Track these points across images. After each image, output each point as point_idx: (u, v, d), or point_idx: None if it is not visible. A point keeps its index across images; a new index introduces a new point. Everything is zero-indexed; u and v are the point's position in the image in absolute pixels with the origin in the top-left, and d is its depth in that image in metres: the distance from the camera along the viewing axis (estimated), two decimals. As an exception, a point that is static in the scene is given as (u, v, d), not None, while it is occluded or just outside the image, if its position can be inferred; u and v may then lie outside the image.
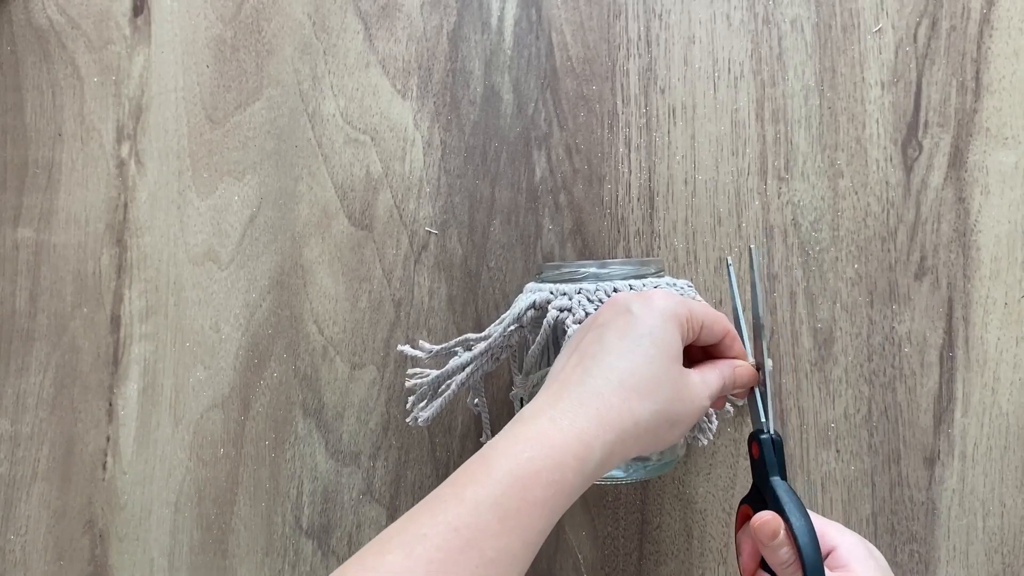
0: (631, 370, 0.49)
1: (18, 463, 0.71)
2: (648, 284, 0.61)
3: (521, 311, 0.62)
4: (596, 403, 0.48)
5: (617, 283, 0.61)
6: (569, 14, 0.73)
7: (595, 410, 0.47)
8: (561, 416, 0.47)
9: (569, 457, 0.45)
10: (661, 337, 0.50)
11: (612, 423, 0.47)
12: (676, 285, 0.63)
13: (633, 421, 0.48)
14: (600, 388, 0.49)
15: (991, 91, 0.71)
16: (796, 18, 0.72)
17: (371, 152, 0.72)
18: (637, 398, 0.48)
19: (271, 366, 0.71)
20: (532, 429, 0.47)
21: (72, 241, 0.72)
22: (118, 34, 0.74)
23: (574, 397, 0.48)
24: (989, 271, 0.70)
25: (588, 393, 0.48)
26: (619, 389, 0.48)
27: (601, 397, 0.48)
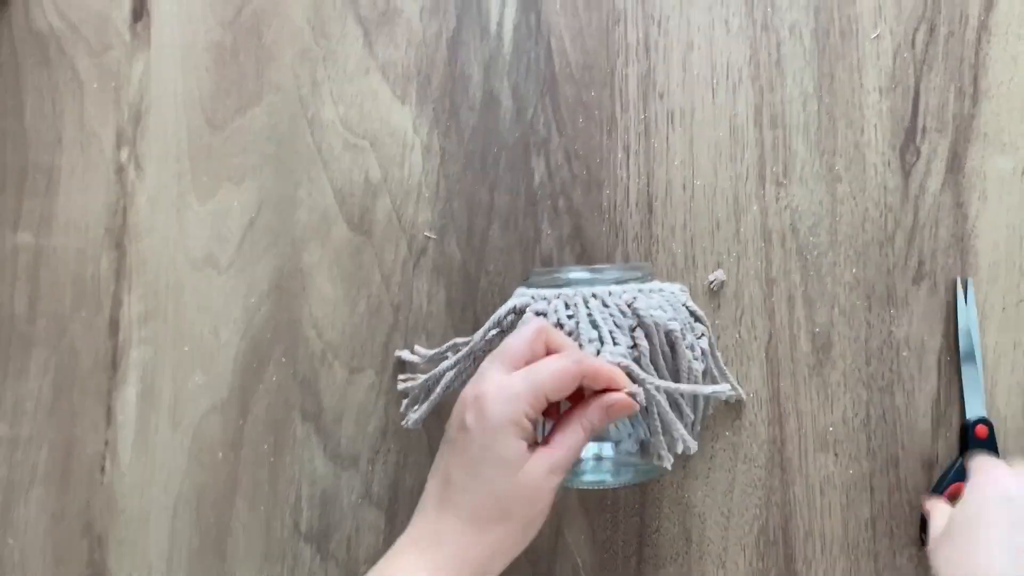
0: (478, 502, 0.52)
1: (16, 467, 0.71)
2: (631, 290, 0.61)
3: (501, 315, 0.63)
4: (453, 542, 0.52)
5: (597, 288, 0.61)
6: (568, 20, 0.73)
7: (452, 549, 0.52)
8: (421, 555, 0.52)
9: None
10: (497, 454, 0.52)
11: (470, 557, 0.52)
12: (663, 291, 0.63)
13: (489, 549, 0.52)
14: (454, 524, 0.52)
15: (989, 96, 0.71)
16: (794, 24, 0.72)
17: (370, 157, 0.72)
18: (489, 527, 0.52)
19: (270, 370, 0.71)
20: (391, 569, 0.52)
21: (71, 245, 0.72)
22: (118, 39, 0.74)
23: (433, 536, 0.53)
24: (987, 276, 0.70)
25: (446, 531, 0.52)
26: (471, 522, 0.52)
27: (456, 534, 0.52)
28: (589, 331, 0.59)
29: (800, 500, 0.69)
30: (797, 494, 0.69)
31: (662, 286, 0.64)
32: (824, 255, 0.70)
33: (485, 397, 0.53)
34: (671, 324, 0.60)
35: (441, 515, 0.53)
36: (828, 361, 0.70)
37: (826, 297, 0.70)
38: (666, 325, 0.60)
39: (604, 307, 0.60)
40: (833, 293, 0.70)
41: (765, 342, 0.70)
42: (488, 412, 0.53)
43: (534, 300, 0.62)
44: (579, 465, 0.62)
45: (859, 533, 0.68)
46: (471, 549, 0.52)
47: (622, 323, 0.60)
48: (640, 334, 0.60)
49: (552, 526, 0.69)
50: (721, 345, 0.70)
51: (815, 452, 0.69)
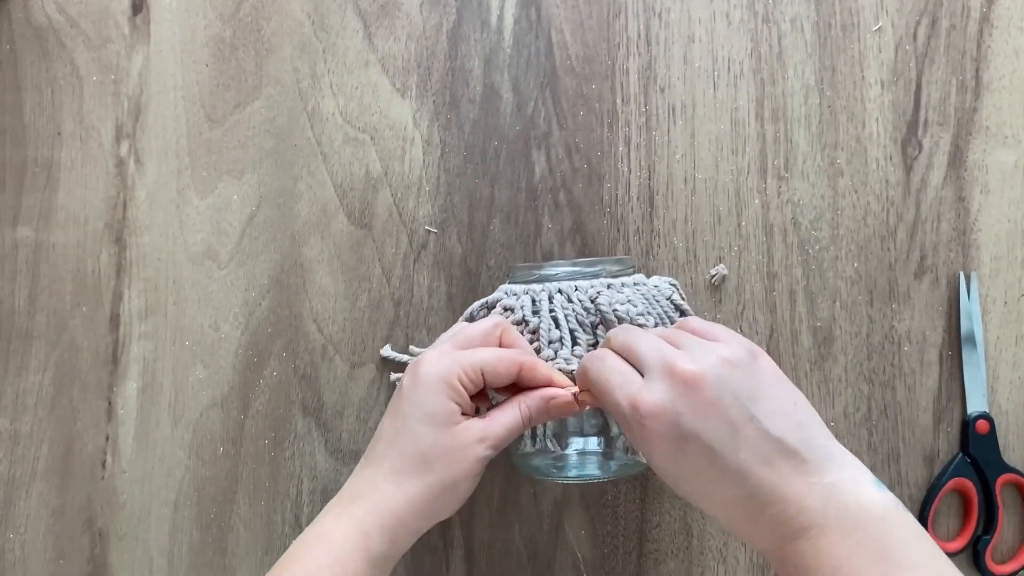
0: (399, 453, 0.54)
1: (17, 462, 0.71)
2: (597, 285, 0.61)
3: (474, 310, 0.65)
4: (371, 493, 0.53)
5: (563, 284, 0.61)
6: (569, 13, 0.72)
7: (371, 499, 0.53)
8: (342, 511, 0.53)
9: (349, 549, 0.51)
10: (426, 410, 0.54)
11: (389, 509, 0.53)
12: (644, 284, 0.63)
13: (407, 500, 0.53)
14: (374, 478, 0.54)
15: (991, 90, 0.71)
16: (796, 17, 0.72)
17: (370, 151, 0.72)
18: (407, 478, 0.53)
19: (270, 365, 0.71)
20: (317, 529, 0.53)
21: (71, 240, 0.72)
22: (117, 33, 0.74)
23: (354, 490, 0.54)
24: (989, 270, 0.70)
25: (365, 484, 0.54)
26: (390, 474, 0.53)
27: (374, 486, 0.54)
28: (552, 329, 0.60)
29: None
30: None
31: (645, 280, 0.64)
32: (826, 249, 0.70)
33: (422, 361, 0.56)
34: (639, 319, 0.60)
35: (363, 471, 0.55)
36: (829, 356, 0.69)
37: (827, 291, 0.70)
38: (634, 320, 0.60)
39: (569, 303, 0.61)
40: (835, 287, 0.70)
41: (766, 336, 0.70)
42: (421, 372, 0.55)
43: (506, 296, 0.63)
44: (565, 460, 0.63)
45: (860, 527, 0.68)
46: (388, 501, 0.53)
47: (585, 319, 0.60)
48: (602, 331, 0.60)
49: (552, 521, 0.69)
50: (722, 339, 0.70)
51: (816, 446, 0.69)
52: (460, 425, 0.54)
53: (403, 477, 0.53)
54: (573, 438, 0.63)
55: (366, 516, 0.52)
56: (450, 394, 0.54)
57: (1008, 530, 0.70)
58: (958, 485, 0.68)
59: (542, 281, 0.63)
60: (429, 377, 0.55)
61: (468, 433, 0.54)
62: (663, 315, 0.62)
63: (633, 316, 0.59)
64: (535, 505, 0.69)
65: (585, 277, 0.62)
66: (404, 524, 0.53)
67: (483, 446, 0.55)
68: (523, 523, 0.69)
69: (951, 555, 0.68)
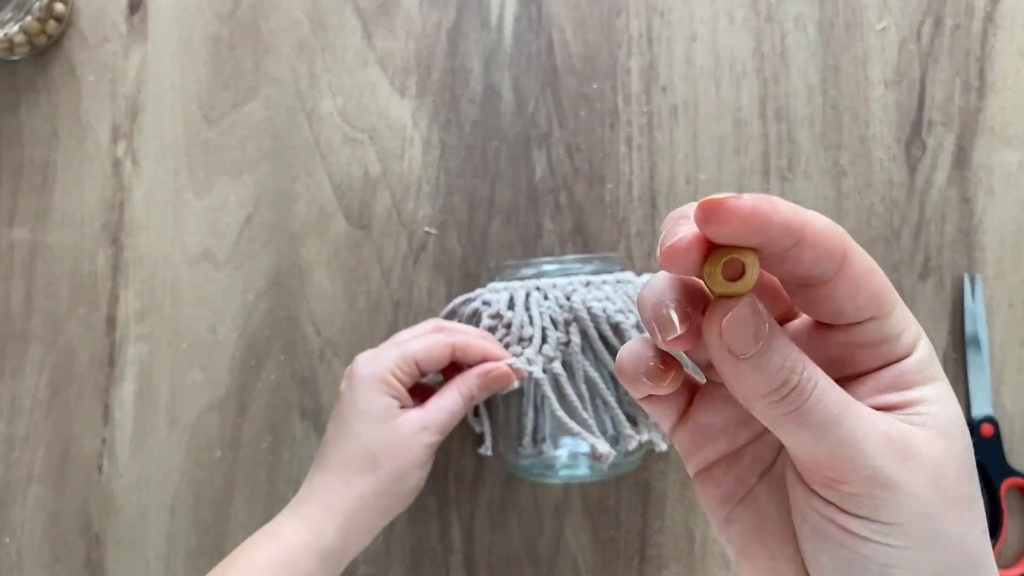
0: (342, 453, 0.56)
1: (13, 466, 0.70)
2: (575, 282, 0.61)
3: (456, 304, 0.66)
4: (322, 492, 0.55)
5: (542, 281, 0.61)
6: (570, 11, 0.72)
7: (322, 500, 0.54)
8: (294, 510, 0.55)
9: (301, 547, 0.52)
10: (364, 409, 0.56)
11: (340, 507, 0.54)
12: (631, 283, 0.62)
13: (358, 497, 0.54)
14: (324, 477, 0.55)
15: (995, 90, 0.70)
16: (799, 16, 0.71)
17: (369, 151, 0.72)
18: (357, 476, 0.55)
19: (268, 368, 0.70)
20: (271, 526, 0.55)
21: (67, 241, 0.72)
22: (114, 32, 0.73)
23: (308, 491, 0.56)
24: (993, 272, 0.69)
25: (316, 485, 0.56)
26: (339, 472, 0.55)
27: (325, 485, 0.55)
28: (525, 326, 0.60)
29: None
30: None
31: (633, 278, 0.63)
32: (829, 251, 0.69)
33: (356, 363, 0.58)
34: (617, 316, 0.59)
35: (314, 475, 0.57)
36: (833, 358, 0.69)
37: (831, 293, 0.69)
38: (612, 317, 0.59)
39: (545, 300, 0.61)
40: (838, 289, 0.69)
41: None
42: (356, 373, 0.57)
43: (488, 292, 0.64)
44: (555, 460, 0.63)
45: (864, 532, 0.68)
46: (338, 499, 0.54)
47: (559, 317, 0.60)
48: (575, 328, 0.60)
49: (554, 525, 0.69)
50: (724, 342, 0.69)
51: (819, 450, 0.68)
52: (400, 418, 0.56)
53: (351, 475, 0.55)
54: (563, 439, 0.62)
55: (318, 514, 0.54)
56: (385, 390, 0.56)
57: (1013, 535, 0.69)
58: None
59: (526, 277, 0.63)
60: (362, 377, 0.56)
61: (408, 424, 0.56)
62: None
63: (611, 313, 0.59)
64: (536, 509, 0.69)
65: (570, 274, 0.62)
66: (357, 521, 0.55)
67: (426, 434, 0.56)
68: (523, 527, 0.69)
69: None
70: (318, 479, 0.56)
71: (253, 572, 0.52)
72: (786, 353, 0.28)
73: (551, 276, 0.62)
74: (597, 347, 0.60)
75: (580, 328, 0.60)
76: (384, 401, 0.56)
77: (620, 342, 0.59)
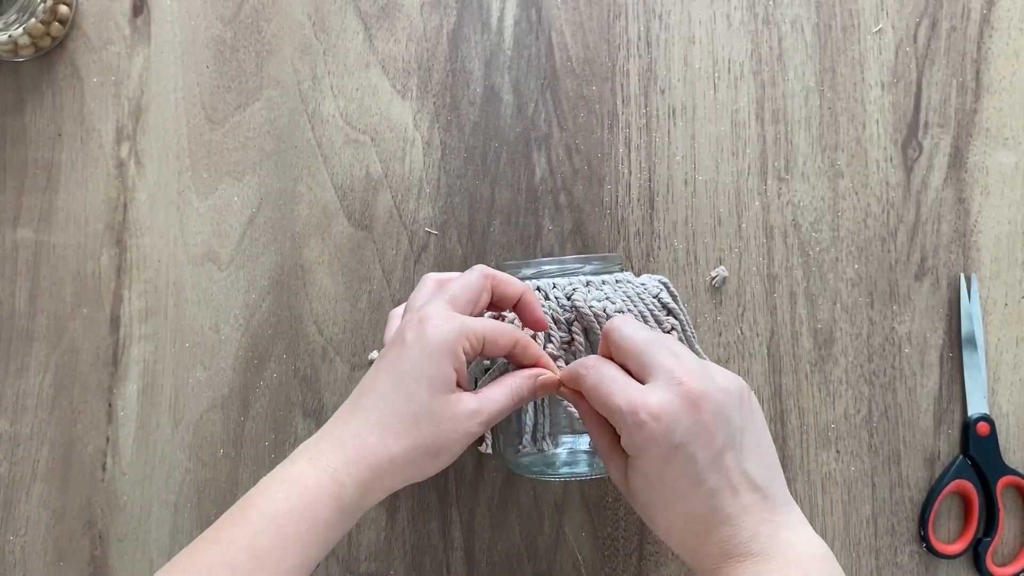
0: (391, 409, 0.52)
1: (17, 464, 0.71)
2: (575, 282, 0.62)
3: None
4: (354, 443, 0.52)
5: (542, 281, 0.62)
6: (569, 14, 0.72)
7: (352, 449, 0.51)
8: (319, 455, 0.51)
9: (323, 495, 0.50)
10: (426, 372, 0.53)
11: (368, 461, 0.51)
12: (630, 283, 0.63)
13: (388, 458, 0.52)
14: (359, 428, 0.52)
15: (991, 91, 0.71)
16: (796, 18, 0.72)
17: (371, 152, 0.72)
18: (393, 436, 0.52)
19: (271, 367, 0.71)
20: (291, 470, 0.51)
21: (71, 242, 0.72)
22: (118, 34, 0.74)
23: (335, 437, 0.52)
24: (989, 272, 0.70)
25: (349, 433, 0.52)
26: (376, 428, 0.52)
27: (359, 437, 0.52)
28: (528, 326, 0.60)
29: (802, 497, 0.69)
30: (799, 490, 0.69)
31: (632, 278, 0.64)
32: (826, 251, 0.70)
33: (429, 319, 0.54)
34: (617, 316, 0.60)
35: (349, 419, 0.53)
36: (830, 357, 0.69)
37: (828, 293, 0.70)
38: (612, 317, 0.59)
39: (546, 299, 0.61)
40: (835, 289, 0.70)
41: (767, 338, 0.70)
42: (429, 333, 0.53)
43: None
44: (555, 458, 0.63)
45: (860, 530, 0.68)
46: (368, 454, 0.52)
47: (560, 316, 0.60)
48: (578, 327, 0.60)
49: (553, 522, 0.69)
50: (723, 341, 0.70)
51: (817, 449, 0.69)
52: (455, 395, 0.54)
53: (389, 433, 0.52)
54: (564, 437, 0.63)
55: (344, 465, 0.51)
56: (452, 361, 0.53)
57: (1009, 532, 0.69)
58: (959, 487, 0.68)
59: (526, 278, 0.63)
60: (434, 340, 0.53)
61: (461, 404, 0.54)
62: (646, 313, 0.62)
63: (610, 313, 0.59)
64: (536, 506, 0.69)
65: (569, 274, 0.63)
66: (379, 479, 0.52)
67: (474, 422, 0.54)
68: (524, 524, 0.69)
69: (952, 557, 0.68)
70: (354, 427, 0.52)
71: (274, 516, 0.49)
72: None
73: (551, 276, 0.63)
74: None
75: (582, 327, 0.60)
76: (447, 371, 0.53)
77: None
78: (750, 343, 0.70)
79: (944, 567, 0.69)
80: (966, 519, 0.69)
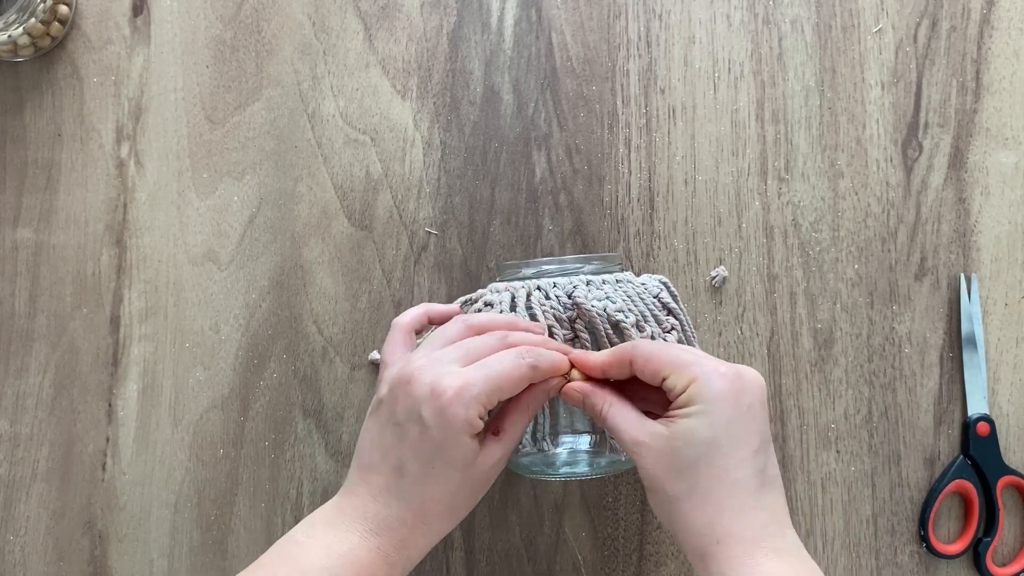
0: (430, 497, 0.54)
1: (17, 464, 0.71)
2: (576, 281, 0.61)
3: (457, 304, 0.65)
4: (402, 530, 0.53)
5: (542, 281, 0.62)
6: (569, 14, 0.72)
7: (400, 537, 0.53)
8: (370, 536, 0.53)
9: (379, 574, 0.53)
10: (455, 456, 0.53)
11: (415, 544, 0.54)
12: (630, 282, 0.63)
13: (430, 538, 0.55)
14: (403, 515, 0.53)
15: (991, 91, 0.71)
16: (796, 18, 0.72)
17: (371, 152, 0.72)
18: (438, 520, 0.54)
19: (271, 367, 0.71)
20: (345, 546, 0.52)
21: (71, 242, 0.72)
22: (117, 34, 0.74)
23: (382, 520, 0.53)
24: (989, 272, 0.70)
25: (394, 519, 0.53)
26: (421, 515, 0.54)
27: (405, 524, 0.53)
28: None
29: (802, 497, 0.69)
30: (799, 491, 0.69)
31: (632, 277, 0.64)
32: (826, 251, 0.70)
33: (443, 394, 0.52)
34: (617, 315, 0.60)
35: (392, 506, 0.54)
36: (830, 358, 0.69)
37: (828, 293, 0.70)
38: (612, 316, 0.59)
39: (547, 299, 0.61)
40: (835, 289, 0.70)
41: (767, 338, 0.70)
42: (448, 414, 0.52)
43: (489, 292, 0.63)
44: (555, 458, 0.63)
45: (860, 530, 0.68)
46: (417, 539, 0.54)
47: (562, 315, 0.60)
48: (581, 325, 0.60)
49: (553, 523, 0.69)
50: (723, 341, 0.70)
51: (817, 449, 0.69)
52: (482, 455, 0.54)
53: (432, 518, 0.54)
54: (564, 437, 0.63)
55: (394, 551, 0.53)
56: (473, 432, 0.53)
57: (1009, 532, 0.70)
58: (959, 487, 0.68)
59: (527, 278, 0.63)
60: (456, 419, 0.52)
61: (489, 460, 0.55)
62: (646, 313, 0.62)
63: (611, 312, 0.59)
64: (536, 507, 0.69)
65: (569, 274, 0.63)
66: (421, 553, 0.55)
67: (502, 464, 0.56)
68: (523, 525, 0.69)
69: (951, 557, 0.68)
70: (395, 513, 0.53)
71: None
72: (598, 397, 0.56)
73: (551, 276, 0.63)
74: (603, 344, 0.60)
75: (584, 324, 0.60)
76: (472, 446, 0.53)
77: (620, 340, 0.60)
78: (750, 343, 0.70)
79: (944, 567, 0.69)
80: (966, 519, 0.69)
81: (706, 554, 0.50)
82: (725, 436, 0.51)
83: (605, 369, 0.56)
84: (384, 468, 0.54)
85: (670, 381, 0.52)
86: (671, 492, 0.51)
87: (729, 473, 0.50)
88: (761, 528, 0.50)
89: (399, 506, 0.53)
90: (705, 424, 0.51)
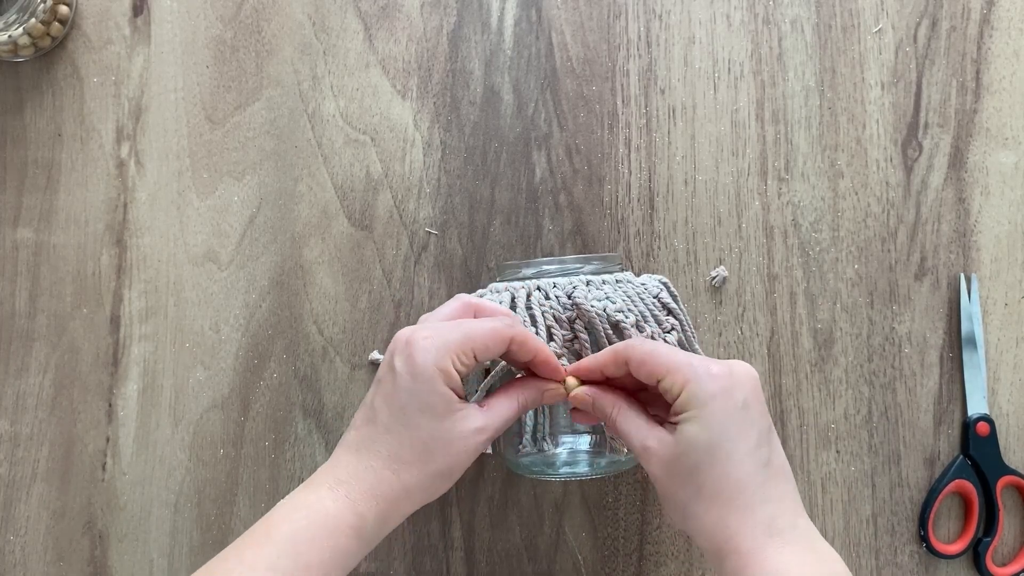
0: (398, 442, 0.54)
1: (17, 464, 0.71)
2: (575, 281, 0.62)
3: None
4: (369, 477, 0.53)
5: (542, 281, 0.62)
6: (569, 14, 0.72)
7: (368, 484, 0.53)
8: (338, 486, 0.53)
9: (343, 525, 0.52)
10: (426, 401, 0.54)
11: (384, 494, 0.53)
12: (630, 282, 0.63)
13: (403, 489, 0.54)
14: (371, 461, 0.54)
15: (991, 91, 0.71)
16: (796, 18, 0.72)
17: (371, 152, 0.72)
18: (406, 468, 0.54)
19: (271, 367, 0.71)
20: (312, 496, 0.53)
21: (72, 241, 0.72)
22: (118, 34, 0.74)
23: (350, 469, 0.54)
24: (989, 272, 0.70)
25: (363, 468, 0.54)
26: (388, 461, 0.54)
27: (373, 471, 0.53)
28: (529, 325, 0.60)
29: (802, 497, 0.68)
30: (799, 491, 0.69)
31: (632, 277, 0.64)
32: (826, 251, 0.70)
33: (414, 345, 0.54)
34: (617, 315, 0.60)
35: (361, 453, 0.54)
36: (830, 358, 0.69)
37: (828, 293, 0.70)
38: (612, 316, 0.60)
39: (546, 299, 0.61)
40: (835, 289, 0.70)
41: (767, 338, 0.70)
42: (418, 359, 0.53)
43: (489, 292, 0.63)
44: (555, 458, 0.63)
45: (860, 530, 0.68)
46: (383, 486, 0.53)
47: (562, 315, 0.60)
48: (580, 325, 0.60)
49: (553, 522, 0.69)
50: (723, 341, 0.70)
51: (817, 449, 0.69)
52: (459, 413, 0.54)
53: (401, 466, 0.53)
54: (565, 437, 0.63)
55: (362, 499, 0.53)
56: (446, 380, 0.53)
57: (1009, 532, 0.70)
58: (959, 487, 0.68)
59: (526, 278, 0.63)
60: (425, 365, 0.53)
61: (467, 422, 0.54)
62: (646, 313, 0.62)
63: (611, 312, 0.59)
64: (536, 507, 0.69)
65: (569, 274, 0.63)
66: (396, 509, 0.54)
67: (481, 436, 0.55)
68: (524, 525, 0.69)
69: (952, 557, 0.68)
70: (365, 461, 0.54)
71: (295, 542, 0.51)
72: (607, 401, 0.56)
73: (551, 276, 0.63)
74: (602, 344, 0.60)
75: (584, 324, 0.60)
76: (446, 394, 0.53)
77: (620, 340, 0.60)
78: (750, 343, 0.70)
79: (944, 567, 0.69)
80: (966, 519, 0.69)
81: (720, 553, 0.51)
82: (723, 437, 0.51)
83: (602, 369, 0.57)
84: (359, 421, 0.56)
85: (665, 384, 0.53)
86: (680, 496, 0.52)
87: (732, 472, 0.51)
88: (770, 521, 0.51)
89: (369, 454, 0.54)
90: (702, 428, 0.52)
